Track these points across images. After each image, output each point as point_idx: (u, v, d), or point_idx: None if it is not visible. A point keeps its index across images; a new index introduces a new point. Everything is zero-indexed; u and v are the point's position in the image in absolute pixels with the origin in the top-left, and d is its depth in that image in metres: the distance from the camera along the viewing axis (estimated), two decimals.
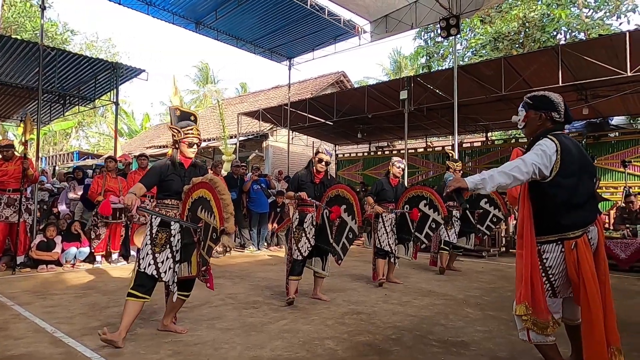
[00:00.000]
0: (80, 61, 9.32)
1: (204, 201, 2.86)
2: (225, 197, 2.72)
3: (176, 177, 3.23)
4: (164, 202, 3.22)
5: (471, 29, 17.65)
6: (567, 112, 2.45)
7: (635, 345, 3.22)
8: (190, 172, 3.27)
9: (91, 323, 3.59)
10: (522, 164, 2.26)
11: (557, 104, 2.44)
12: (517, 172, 2.26)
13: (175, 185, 3.19)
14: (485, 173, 2.32)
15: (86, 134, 33.14)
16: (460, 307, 4.35)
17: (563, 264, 2.32)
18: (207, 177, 2.92)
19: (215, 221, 2.74)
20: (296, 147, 16.07)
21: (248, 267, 6.82)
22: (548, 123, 2.45)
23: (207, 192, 2.85)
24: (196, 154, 3.36)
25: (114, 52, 28.68)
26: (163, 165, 3.27)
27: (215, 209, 2.75)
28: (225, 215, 2.68)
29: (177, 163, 3.28)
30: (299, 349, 3.05)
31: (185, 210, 3.06)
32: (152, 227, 3.14)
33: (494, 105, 10.82)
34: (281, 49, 12.84)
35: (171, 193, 3.20)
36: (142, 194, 3.22)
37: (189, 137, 3.27)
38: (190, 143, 3.27)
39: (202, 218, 2.88)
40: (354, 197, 4.36)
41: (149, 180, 3.22)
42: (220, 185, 2.79)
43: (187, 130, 3.27)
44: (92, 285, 5.20)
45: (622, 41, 7.40)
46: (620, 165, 9.54)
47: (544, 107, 2.46)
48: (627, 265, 6.73)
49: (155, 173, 3.23)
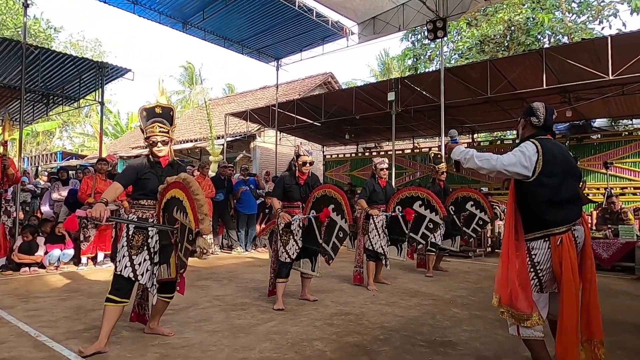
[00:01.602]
0: (64, 60, 9.16)
1: (178, 202, 2.78)
2: (199, 198, 2.64)
3: (152, 175, 3.11)
4: (140, 203, 3.12)
5: (458, 32, 17.83)
6: (547, 117, 2.60)
7: (619, 343, 3.28)
8: (167, 171, 3.14)
9: (76, 326, 3.53)
10: (492, 159, 2.49)
11: (536, 110, 2.62)
12: (485, 164, 2.51)
13: (150, 184, 3.08)
14: (470, 152, 2.59)
15: (70, 135, 32.66)
16: (447, 307, 4.39)
17: (550, 260, 2.43)
18: (180, 176, 2.81)
19: (190, 222, 2.66)
20: (284, 148, 16.04)
21: (235, 268, 6.78)
22: (529, 128, 2.65)
23: (181, 192, 2.76)
24: (169, 152, 3.20)
25: (100, 51, 28.29)
26: (140, 163, 3.16)
27: (189, 209, 2.67)
28: (200, 217, 2.60)
29: (154, 161, 3.17)
30: (287, 350, 3.05)
31: (160, 210, 2.98)
32: (128, 229, 3.03)
33: (479, 107, 10.96)
34: (269, 49, 12.82)
35: (147, 192, 3.10)
36: (118, 194, 3.12)
37: (152, 136, 3.09)
38: (152, 142, 3.10)
39: (178, 219, 2.80)
40: (342, 196, 4.32)
41: (125, 178, 3.12)
42: (193, 185, 2.70)
43: (148, 128, 3.09)
44: (77, 287, 5.12)
45: (604, 45, 7.56)
46: (602, 167, 9.75)
47: (525, 114, 2.69)
48: (609, 265, 6.86)
49: (132, 171, 3.12)
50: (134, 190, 3.19)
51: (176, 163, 3.30)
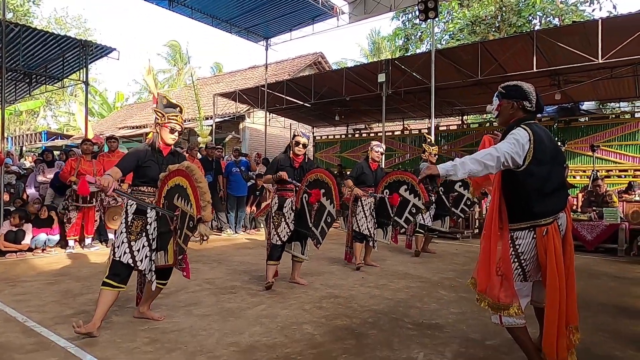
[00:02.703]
0: (46, 38, 8.86)
1: (181, 189, 2.81)
2: (202, 185, 2.68)
3: (154, 163, 3.14)
4: (140, 189, 3.14)
5: (449, 12, 17.66)
6: (539, 101, 2.50)
7: (599, 324, 3.38)
8: (168, 160, 3.18)
9: (64, 311, 3.52)
10: (495, 152, 2.28)
11: (529, 93, 2.48)
12: (488, 160, 2.28)
13: (151, 172, 3.10)
14: (457, 160, 2.34)
15: (55, 113, 32.00)
16: (434, 290, 4.46)
17: (534, 250, 2.40)
18: (183, 164, 2.86)
19: (192, 209, 2.70)
20: (273, 129, 15.93)
21: (225, 251, 6.79)
22: (520, 112, 2.50)
23: (184, 179, 2.79)
24: (176, 141, 3.29)
25: (85, 28, 27.50)
26: (141, 150, 3.17)
27: (192, 197, 2.71)
28: (202, 204, 2.64)
29: (157, 149, 3.19)
30: (277, 334, 3.08)
31: (161, 198, 2.99)
32: (127, 215, 3.06)
33: (470, 89, 10.94)
34: (258, 28, 12.57)
35: (147, 179, 3.12)
36: (118, 177, 3.12)
37: (172, 122, 3.19)
38: (172, 128, 3.18)
39: (178, 206, 2.84)
40: (333, 182, 4.36)
41: (126, 164, 3.10)
42: (197, 173, 2.75)
43: (171, 115, 3.20)
44: (65, 271, 5.08)
45: (594, 28, 7.54)
46: (589, 150, 9.85)
47: (516, 96, 2.50)
48: (592, 247, 7.03)
49: (133, 157, 3.12)
50: (135, 177, 3.20)
51: (177, 152, 3.34)
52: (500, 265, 2.43)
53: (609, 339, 3.09)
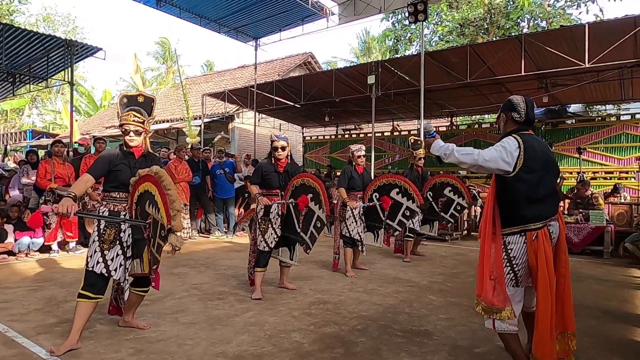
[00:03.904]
0: (30, 37, 8.69)
1: (150, 196, 2.69)
2: (171, 193, 2.56)
3: (125, 167, 2.99)
4: (112, 195, 3.00)
5: (438, 14, 17.73)
6: (528, 112, 2.56)
7: (585, 329, 3.40)
8: (140, 163, 3.01)
9: (47, 320, 3.44)
10: (475, 155, 2.45)
11: (517, 105, 2.57)
12: (466, 159, 2.48)
13: (122, 176, 2.96)
14: (450, 148, 2.54)
15: (41, 111, 31.48)
16: (424, 294, 4.46)
17: (526, 255, 2.46)
18: (152, 169, 2.72)
19: (162, 218, 2.59)
20: (263, 129, 15.83)
21: (214, 254, 6.73)
22: (511, 124, 2.61)
23: (153, 186, 2.67)
24: (144, 143, 3.09)
25: (73, 26, 27.08)
26: (113, 154, 3.04)
27: (161, 205, 2.59)
28: (172, 213, 2.53)
29: (127, 151, 3.05)
30: (265, 343, 3.04)
31: (132, 204, 2.89)
32: (99, 223, 2.92)
33: (459, 91, 11.00)
34: (247, 28, 12.48)
35: (119, 184, 2.98)
36: (89, 186, 3.03)
37: (124, 124, 2.97)
38: (125, 130, 2.98)
39: (150, 213, 2.72)
40: (320, 186, 4.30)
41: (97, 169, 2.99)
42: (165, 179, 2.62)
43: (123, 116, 2.98)
44: (49, 276, 4.98)
45: (581, 33, 7.63)
46: (575, 152, 9.97)
47: (505, 109, 2.63)
48: (579, 249, 7.10)
49: (104, 161, 2.99)
50: (106, 181, 3.07)
51: (150, 155, 3.17)
52: (494, 270, 2.48)
53: (595, 345, 3.12)
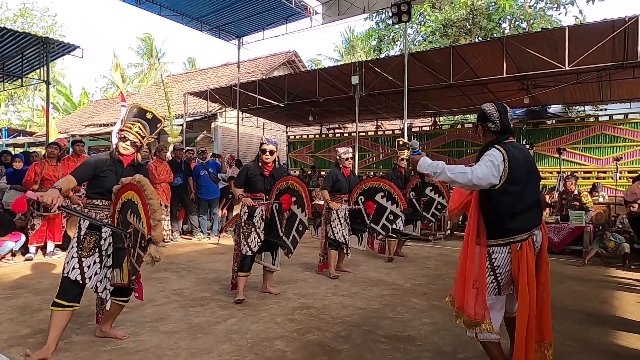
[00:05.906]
0: (3, 34, 8.40)
1: (133, 204, 2.64)
2: (153, 202, 2.51)
3: (111, 174, 2.93)
4: (94, 203, 2.92)
5: (421, 14, 17.82)
6: (503, 120, 2.50)
7: (568, 333, 3.43)
8: (128, 172, 2.96)
9: (21, 330, 3.32)
10: (469, 175, 2.34)
11: (490, 115, 2.52)
12: (460, 179, 2.37)
13: (107, 183, 2.89)
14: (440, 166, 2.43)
15: (17, 109, 30.68)
16: (407, 297, 4.45)
17: (509, 264, 2.45)
18: (135, 178, 2.68)
19: (143, 228, 2.53)
20: (246, 128, 15.70)
21: (196, 257, 6.62)
22: (489, 134, 2.56)
23: (135, 195, 2.62)
24: (134, 155, 3.05)
25: (52, 22, 26.41)
26: (100, 159, 2.97)
27: (142, 214, 2.54)
28: (153, 223, 2.47)
29: (116, 158, 3.00)
30: (247, 352, 2.99)
31: (115, 212, 2.82)
32: (80, 229, 2.84)
33: (442, 91, 11.06)
34: (230, 27, 12.34)
35: (103, 191, 2.90)
36: (71, 187, 2.94)
37: (125, 131, 2.98)
38: (123, 137, 2.97)
39: (131, 222, 2.67)
40: (304, 189, 4.30)
41: (82, 173, 2.91)
42: (148, 188, 2.57)
43: (128, 123, 3.01)
44: (24, 283, 4.82)
45: (562, 35, 7.74)
46: (555, 152, 10.13)
47: (480, 120, 2.59)
48: (559, 249, 7.20)
49: (91, 166, 2.92)
50: (89, 187, 2.99)
51: (139, 165, 3.11)
52: (476, 279, 2.46)
53: (578, 349, 3.14)
